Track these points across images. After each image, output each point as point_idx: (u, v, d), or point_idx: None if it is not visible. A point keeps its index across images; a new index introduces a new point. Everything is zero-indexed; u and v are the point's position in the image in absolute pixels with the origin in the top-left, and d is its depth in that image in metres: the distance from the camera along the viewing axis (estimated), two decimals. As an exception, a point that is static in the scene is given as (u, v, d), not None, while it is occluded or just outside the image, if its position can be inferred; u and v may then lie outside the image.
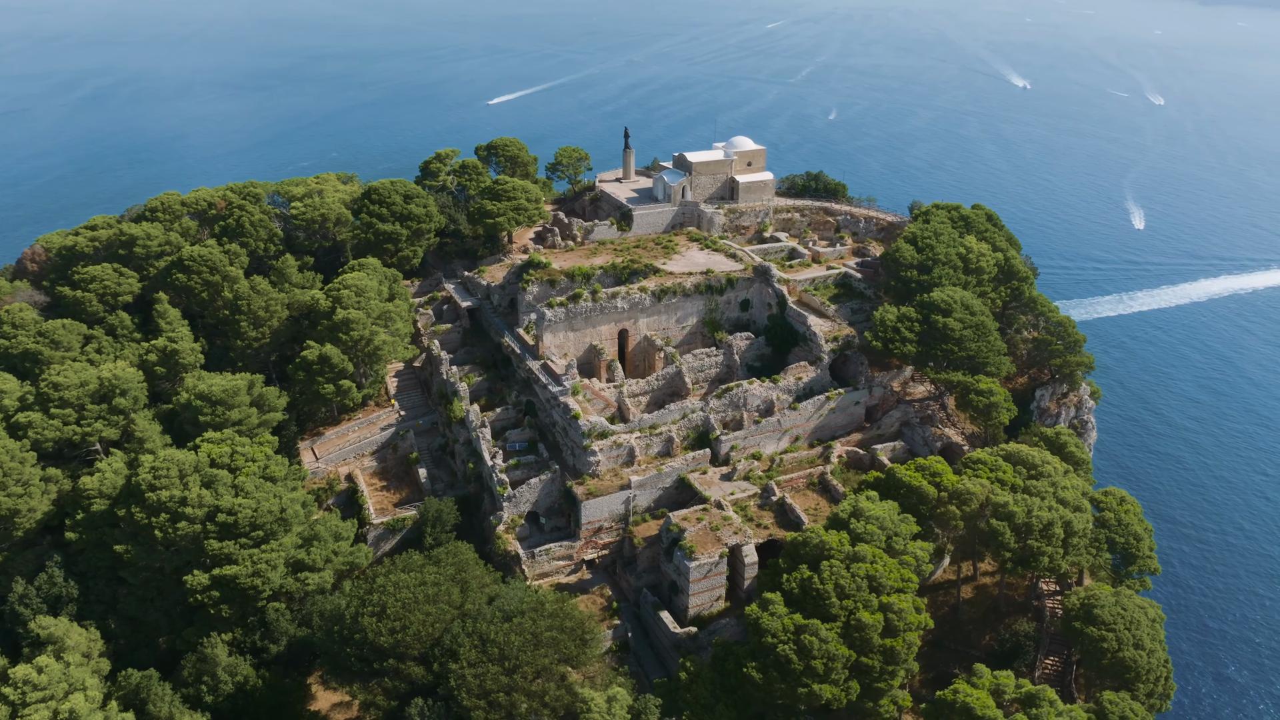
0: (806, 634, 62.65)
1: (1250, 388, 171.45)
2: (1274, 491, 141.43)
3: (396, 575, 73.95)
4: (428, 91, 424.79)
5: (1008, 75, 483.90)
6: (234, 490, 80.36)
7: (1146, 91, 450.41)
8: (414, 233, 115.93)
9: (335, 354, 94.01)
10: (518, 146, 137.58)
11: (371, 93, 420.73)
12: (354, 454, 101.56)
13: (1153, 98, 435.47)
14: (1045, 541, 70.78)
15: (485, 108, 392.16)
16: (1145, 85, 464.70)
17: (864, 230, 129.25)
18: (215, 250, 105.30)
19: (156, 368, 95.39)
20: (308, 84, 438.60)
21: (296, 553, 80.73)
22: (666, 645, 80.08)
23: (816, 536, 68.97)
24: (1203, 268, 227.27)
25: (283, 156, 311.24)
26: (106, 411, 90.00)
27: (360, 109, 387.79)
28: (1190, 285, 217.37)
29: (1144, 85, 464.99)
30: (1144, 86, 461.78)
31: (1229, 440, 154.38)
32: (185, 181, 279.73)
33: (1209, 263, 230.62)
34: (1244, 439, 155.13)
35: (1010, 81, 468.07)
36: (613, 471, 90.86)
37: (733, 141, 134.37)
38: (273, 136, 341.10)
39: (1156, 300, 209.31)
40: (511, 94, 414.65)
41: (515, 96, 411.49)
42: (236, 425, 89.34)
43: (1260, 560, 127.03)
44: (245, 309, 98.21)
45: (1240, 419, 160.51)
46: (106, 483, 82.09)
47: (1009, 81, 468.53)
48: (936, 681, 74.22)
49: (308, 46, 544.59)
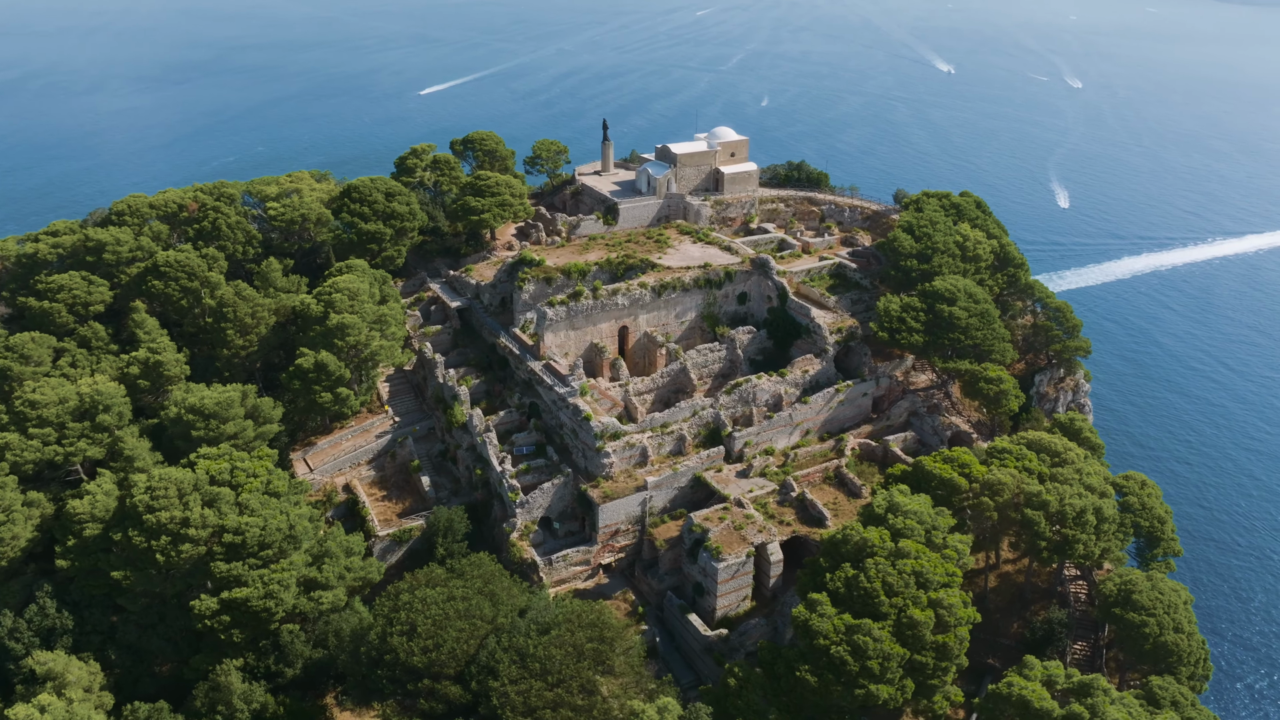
0: (859, 634, 61.74)
1: (1168, 359, 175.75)
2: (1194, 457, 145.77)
3: (423, 591, 71.12)
4: (355, 83, 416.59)
5: (933, 60, 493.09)
6: (238, 508, 76.53)
7: (1065, 75, 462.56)
8: (397, 232, 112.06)
9: (332, 361, 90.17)
10: (495, 140, 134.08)
11: (296, 84, 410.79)
12: (349, 463, 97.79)
13: (1071, 81, 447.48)
14: (1079, 529, 71.12)
15: (417, 98, 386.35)
16: (1064, 69, 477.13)
17: (849, 219, 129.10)
18: (192, 255, 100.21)
19: (139, 381, 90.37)
20: (229, 76, 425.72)
21: (308, 571, 77.16)
22: (696, 648, 78.65)
23: (857, 534, 68.10)
24: (1125, 246, 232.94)
25: (205, 152, 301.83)
26: (89, 429, 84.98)
27: (286, 102, 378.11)
28: (1115, 264, 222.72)
29: (1062, 69, 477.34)
30: (1062, 70, 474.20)
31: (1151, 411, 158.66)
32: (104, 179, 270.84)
33: (1131, 241, 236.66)
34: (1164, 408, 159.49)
35: (935, 67, 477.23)
36: (626, 473, 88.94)
37: (715, 132, 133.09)
38: (194, 131, 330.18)
39: (1083, 279, 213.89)
40: (442, 84, 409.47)
41: (447, 87, 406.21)
42: (232, 439, 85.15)
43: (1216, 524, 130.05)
44: (231, 316, 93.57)
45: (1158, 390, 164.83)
46: (98, 505, 77.42)
47: (934, 67, 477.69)
48: (970, 673, 74.15)
49: (227, 38, 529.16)
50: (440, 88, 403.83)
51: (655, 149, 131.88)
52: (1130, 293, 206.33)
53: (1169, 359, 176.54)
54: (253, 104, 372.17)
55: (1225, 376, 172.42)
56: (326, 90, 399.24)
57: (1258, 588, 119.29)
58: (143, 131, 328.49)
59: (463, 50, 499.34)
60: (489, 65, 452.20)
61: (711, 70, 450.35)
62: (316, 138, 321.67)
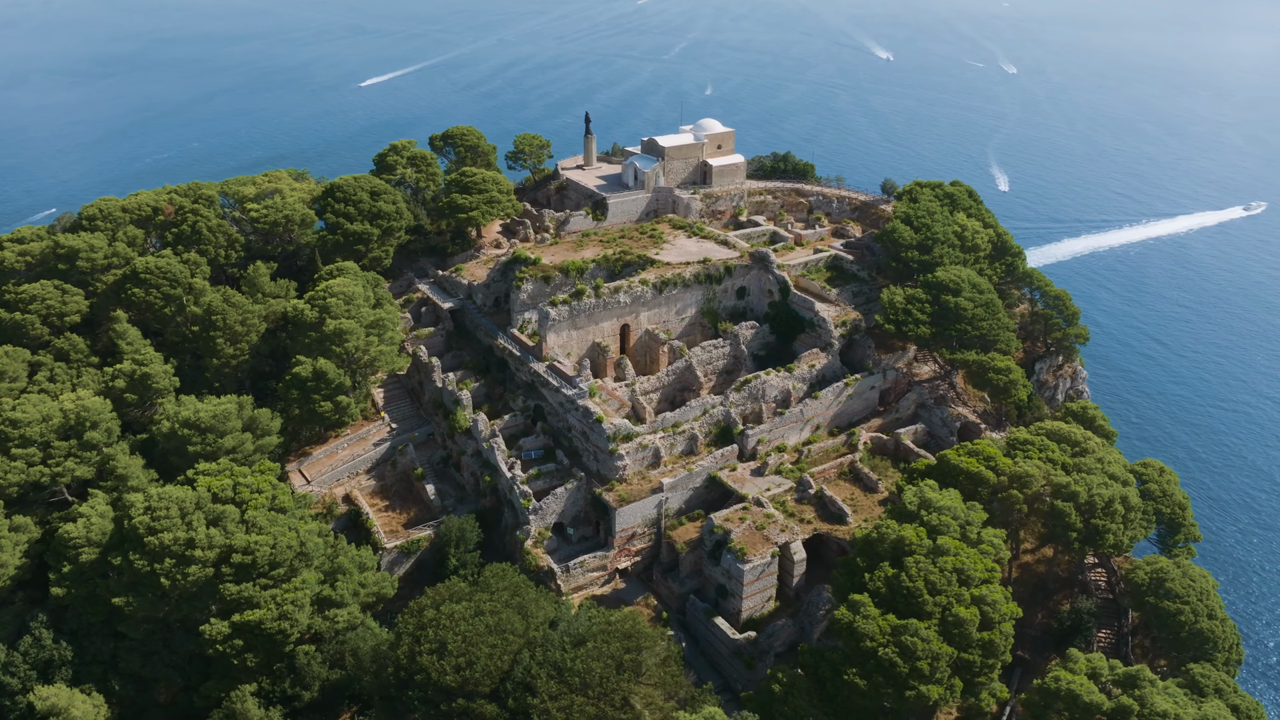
0: (907, 635, 60.90)
1: (1104, 338, 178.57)
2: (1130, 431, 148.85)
3: (449, 607, 68.46)
4: (291, 75, 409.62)
5: (871, 48, 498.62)
6: (245, 526, 73.20)
7: (1000, 61, 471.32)
8: (384, 232, 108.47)
9: (331, 368, 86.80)
10: (476, 135, 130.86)
11: (229, 78, 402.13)
12: (347, 473, 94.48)
13: (1006, 67, 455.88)
14: (1109, 519, 71.26)
15: (357, 90, 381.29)
16: (999, 55, 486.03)
17: (837, 210, 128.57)
18: (173, 260, 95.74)
19: (126, 395, 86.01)
20: (158, 70, 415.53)
21: (321, 589, 74.19)
22: (724, 652, 77.32)
23: (892, 532, 67.27)
24: (1064, 229, 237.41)
25: (137, 148, 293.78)
26: (76, 448, 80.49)
27: (220, 96, 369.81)
28: (1054, 246, 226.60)
29: (998, 55, 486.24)
30: (998, 57, 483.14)
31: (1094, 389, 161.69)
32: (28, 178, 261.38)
33: (1069, 224, 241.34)
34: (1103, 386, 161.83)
35: (874, 54, 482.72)
36: (639, 475, 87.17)
37: (701, 124, 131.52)
38: (126, 127, 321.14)
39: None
40: (383, 75, 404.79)
41: (388, 78, 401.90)
42: (230, 453, 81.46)
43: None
44: (221, 324, 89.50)
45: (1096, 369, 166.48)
46: (93, 529, 73.51)
47: (873, 54, 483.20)
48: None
49: (155, 29, 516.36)
50: (381, 79, 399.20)
51: (641, 142, 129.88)
52: (1070, 274, 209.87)
53: (1105, 338, 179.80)
54: (184, 99, 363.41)
55: (1157, 352, 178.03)
56: (262, 83, 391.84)
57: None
58: (69, 128, 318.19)
59: (401, 41, 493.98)
60: (429, 56, 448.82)
61: (654, 59, 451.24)
62: (253, 133, 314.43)
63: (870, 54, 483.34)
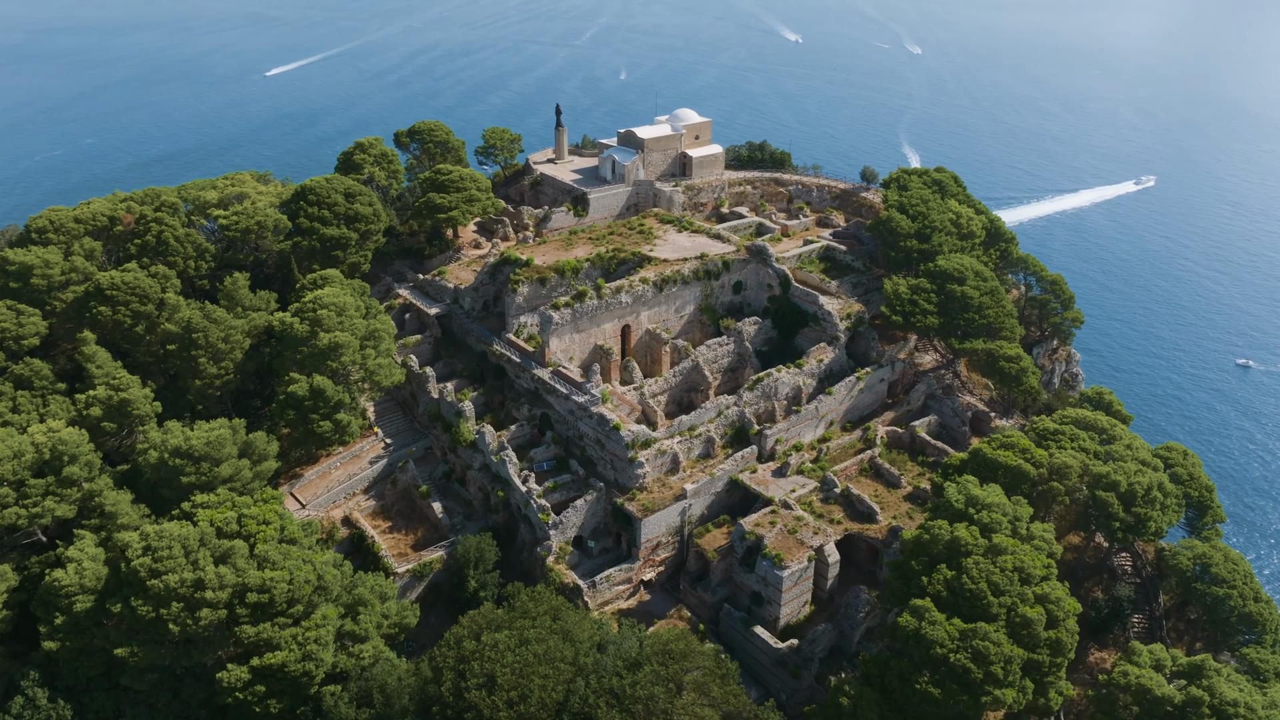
0: (977, 639, 59.56)
1: None
2: None
3: (490, 636, 64.69)
4: (189, 66, 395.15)
5: (781, 30, 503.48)
6: (256, 562, 67.96)
7: (905, 42, 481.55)
8: (362, 235, 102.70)
9: (329, 385, 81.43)
10: (445, 131, 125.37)
11: (121, 70, 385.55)
12: (344, 494, 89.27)
13: (911, 48, 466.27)
14: (1149, 507, 71.27)
15: (262, 80, 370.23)
16: (903, 36, 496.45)
17: (817, 199, 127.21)
18: (140, 275, 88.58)
19: (103, 424, 79.12)
20: (41, 62, 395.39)
21: (342, 623, 69.41)
22: (765, 662, 75.11)
23: (946, 532, 65.85)
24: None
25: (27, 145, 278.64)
26: (55, 485, 73.52)
27: (112, 89, 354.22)
28: None
29: (902, 36, 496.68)
30: (902, 38, 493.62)
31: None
32: None
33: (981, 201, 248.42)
34: None
35: (784, 37, 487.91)
36: (659, 481, 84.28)
37: (677, 114, 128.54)
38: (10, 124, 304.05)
39: None
40: (288, 65, 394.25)
41: (294, 67, 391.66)
42: (227, 483, 75.61)
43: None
44: (202, 341, 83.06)
45: None
46: (87, 574, 67.17)
47: (783, 37, 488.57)
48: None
49: (35, 18, 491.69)
50: (287, 68, 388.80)
51: (618, 134, 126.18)
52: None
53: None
54: (74, 92, 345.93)
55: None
56: (157, 75, 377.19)
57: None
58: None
59: (304, 29, 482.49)
60: (334, 45, 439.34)
61: (566, 45, 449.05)
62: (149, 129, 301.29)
63: (780, 36, 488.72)
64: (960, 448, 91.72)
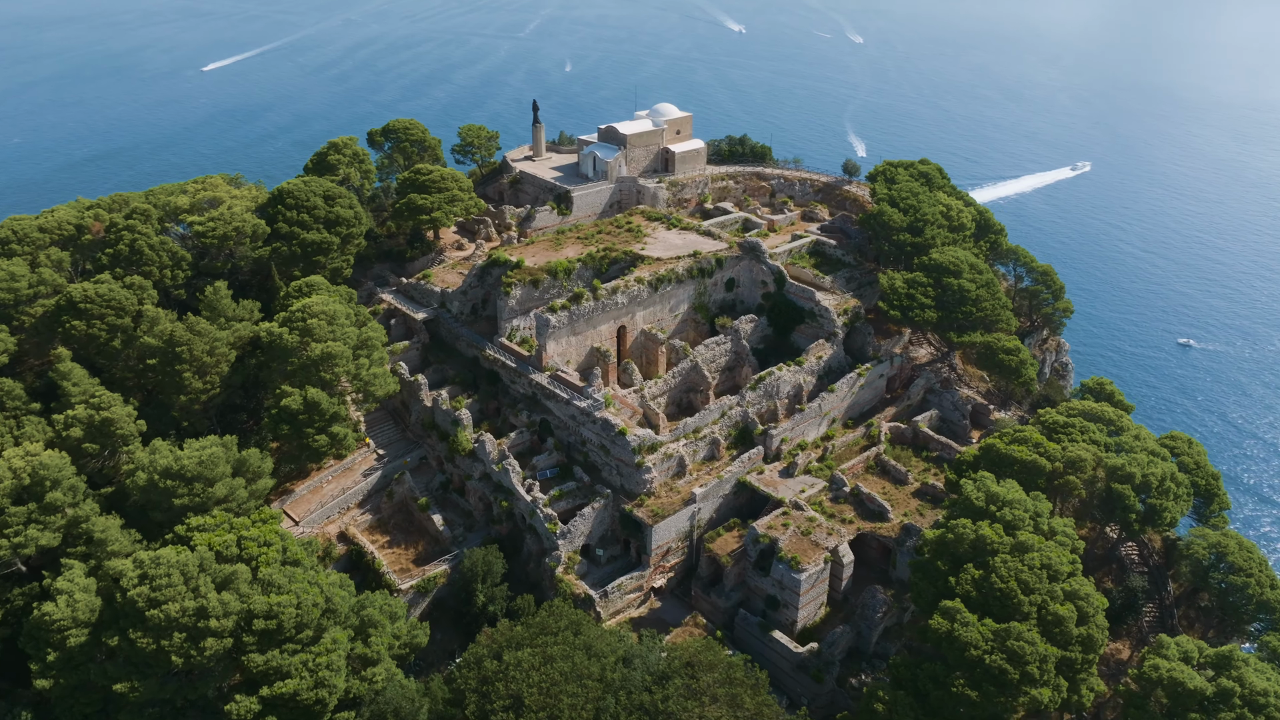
0: (1012, 639, 58.98)
1: None
2: None
3: (512, 655, 62.53)
4: (121, 61, 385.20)
5: (724, 21, 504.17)
6: (261, 587, 64.91)
7: (847, 31, 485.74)
8: (344, 239, 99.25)
9: (324, 398, 78.29)
10: (420, 129, 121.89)
11: (47, 66, 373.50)
12: (338, 509, 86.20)
13: (853, 37, 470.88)
14: (1164, 498, 71.53)
15: (199, 75, 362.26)
16: (845, 26, 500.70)
17: (800, 193, 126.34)
18: (116, 286, 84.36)
19: (84, 445, 75.08)
20: None
21: (353, 645, 66.70)
22: (786, 667, 74.03)
23: (970, 531, 65.19)
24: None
25: None
26: (37, 512, 69.61)
27: (37, 86, 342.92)
28: None
29: (844, 26, 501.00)
30: (844, 27, 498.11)
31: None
32: None
33: None
34: None
35: (728, 27, 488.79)
36: (666, 486, 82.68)
37: (658, 109, 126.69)
38: None
39: None
40: (226, 59, 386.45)
41: (231, 62, 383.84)
42: (222, 503, 72.31)
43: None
44: (186, 355, 79.24)
45: None
46: (79, 607, 63.55)
47: (726, 27, 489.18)
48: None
49: None
50: (224, 63, 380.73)
51: (598, 130, 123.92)
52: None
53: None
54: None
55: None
56: (87, 72, 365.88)
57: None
58: None
59: (240, 23, 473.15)
60: (273, 38, 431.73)
61: (509, 37, 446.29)
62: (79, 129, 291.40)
63: (723, 27, 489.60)
64: (962, 441, 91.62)
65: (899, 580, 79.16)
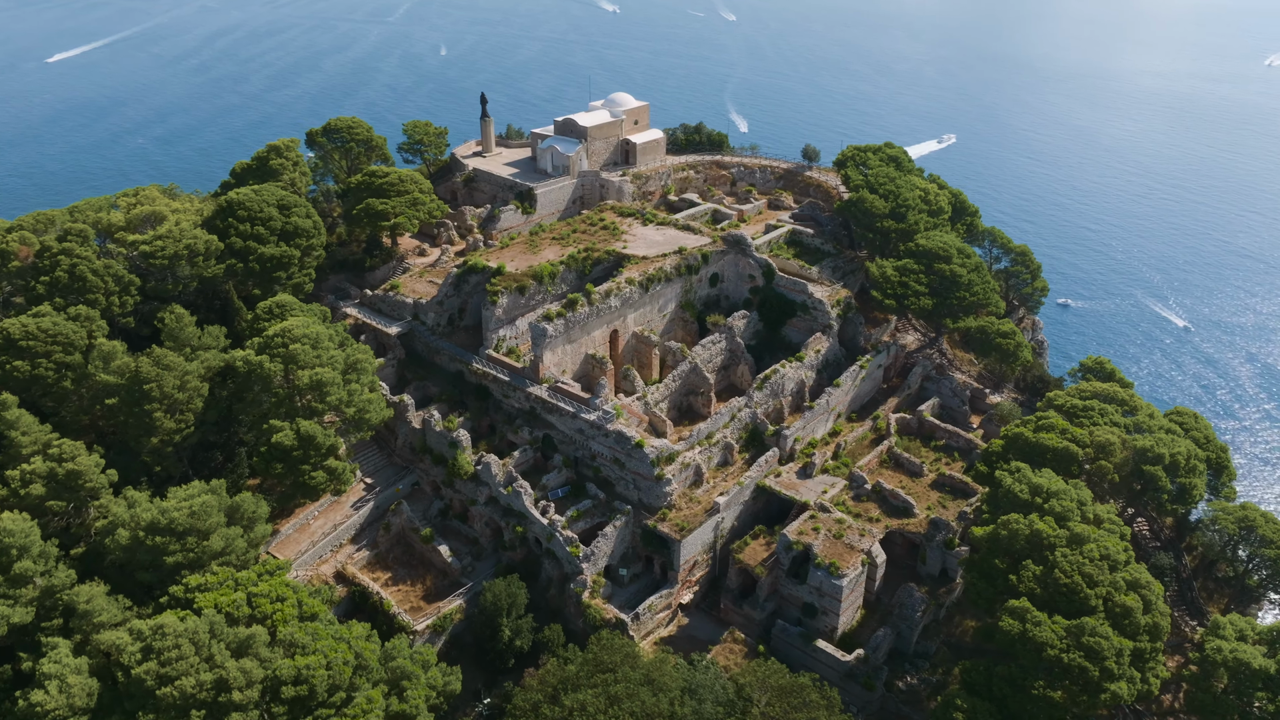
0: (1087, 635, 58.24)
1: None
2: None
3: (571, 698, 58.41)
4: None
5: (597, 1, 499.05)
6: (282, 649, 58.72)
7: (719, 9, 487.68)
8: (304, 252, 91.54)
9: (319, 431, 71.53)
10: (365, 128, 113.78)
11: None
12: (329, 547, 79.55)
13: (726, 15, 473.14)
14: (1190, 475, 72.31)
15: (43, 68, 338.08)
16: (717, 4, 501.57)
17: (761, 181, 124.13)
18: (59, 318, 75.10)
19: (48, 503, 66.39)
20: None
21: (389, 702, 61.07)
22: (832, 677, 71.60)
23: (1024, 526, 64.23)
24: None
25: None
26: (5, 586, 61.11)
27: None
28: None
29: (716, 4, 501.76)
30: (716, 4, 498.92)
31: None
32: None
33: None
34: None
35: (601, 7, 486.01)
36: (685, 496, 79.29)
37: (613, 99, 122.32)
38: None
39: None
40: (73, 50, 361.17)
41: (79, 53, 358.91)
42: (220, 557, 65.11)
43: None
44: (156, 393, 70.97)
45: None
46: (74, 692, 56.05)
47: (599, 7, 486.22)
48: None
49: None
50: (72, 53, 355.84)
51: (554, 122, 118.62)
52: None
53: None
54: None
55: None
56: None
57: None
58: None
59: (82, 11, 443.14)
60: (122, 27, 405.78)
61: (379, 22, 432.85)
62: None
63: (597, 7, 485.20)
64: (964, 427, 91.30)
65: (929, 576, 78.12)
